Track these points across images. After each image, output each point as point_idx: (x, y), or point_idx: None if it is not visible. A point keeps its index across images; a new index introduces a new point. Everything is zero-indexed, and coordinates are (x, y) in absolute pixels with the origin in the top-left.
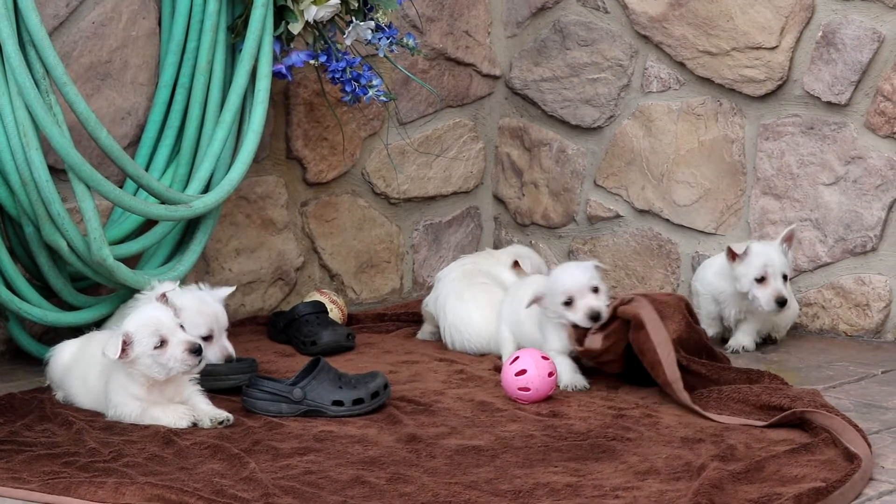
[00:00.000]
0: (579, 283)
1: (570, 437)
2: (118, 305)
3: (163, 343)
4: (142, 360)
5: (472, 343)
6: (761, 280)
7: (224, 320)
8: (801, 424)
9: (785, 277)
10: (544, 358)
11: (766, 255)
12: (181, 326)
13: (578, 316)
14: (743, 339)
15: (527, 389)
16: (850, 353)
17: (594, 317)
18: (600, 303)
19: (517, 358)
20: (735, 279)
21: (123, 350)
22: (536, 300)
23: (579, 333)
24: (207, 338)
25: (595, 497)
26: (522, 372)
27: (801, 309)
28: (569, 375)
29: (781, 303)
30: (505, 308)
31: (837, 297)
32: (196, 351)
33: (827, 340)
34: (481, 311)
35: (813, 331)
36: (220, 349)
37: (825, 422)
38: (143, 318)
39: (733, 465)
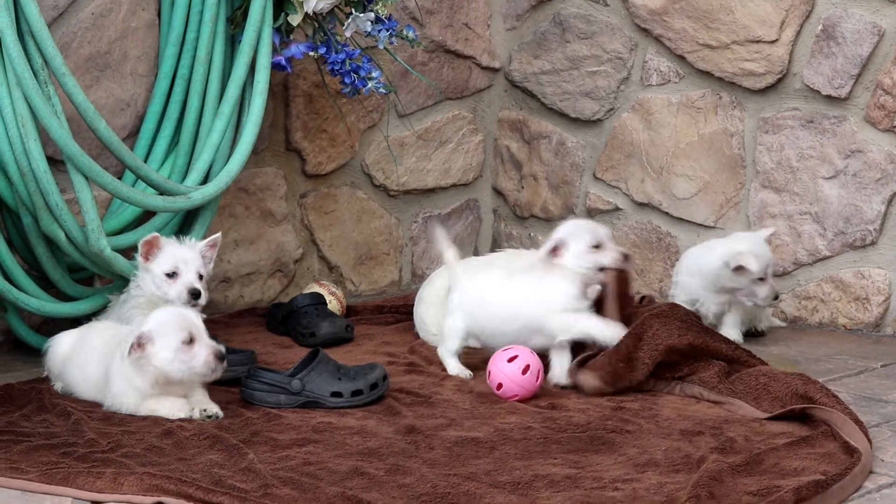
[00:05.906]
0: (605, 230)
1: (569, 429)
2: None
3: (191, 340)
4: (162, 354)
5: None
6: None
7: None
8: (802, 417)
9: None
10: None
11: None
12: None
13: (610, 258)
14: (729, 332)
15: (500, 387)
16: (850, 346)
17: (627, 257)
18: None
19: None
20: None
21: (139, 347)
22: (557, 247)
23: (572, 369)
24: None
25: (594, 489)
26: (514, 358)
27: (800, 302)
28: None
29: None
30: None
31: (837, 290)
32: (222, 358)
33: (826, 334)
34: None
35: (812, 324)
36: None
37: (825, 415)
38: (170, 314)
39: (732, 457)
